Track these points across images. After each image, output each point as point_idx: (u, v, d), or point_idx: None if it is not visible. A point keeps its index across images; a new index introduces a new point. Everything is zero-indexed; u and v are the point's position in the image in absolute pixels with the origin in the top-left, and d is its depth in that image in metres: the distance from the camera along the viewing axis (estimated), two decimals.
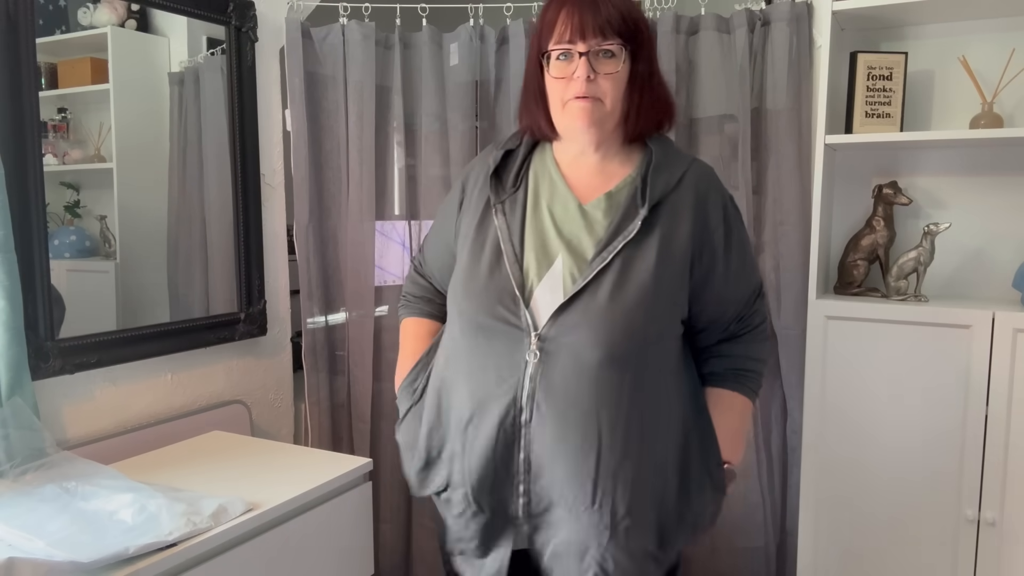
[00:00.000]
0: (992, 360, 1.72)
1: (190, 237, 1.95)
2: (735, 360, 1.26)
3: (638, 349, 1.11)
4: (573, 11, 1.12)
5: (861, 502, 1.90)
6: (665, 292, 1.13)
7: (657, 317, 1.13)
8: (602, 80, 1.13)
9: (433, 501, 1.31)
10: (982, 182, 1.95)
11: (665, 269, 1.13)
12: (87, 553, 1.13)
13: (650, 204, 1.14)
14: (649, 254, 1.13)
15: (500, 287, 1.15)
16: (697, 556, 2.22)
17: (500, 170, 1.24)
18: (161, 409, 1.86)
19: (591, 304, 1.11)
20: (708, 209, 1.17)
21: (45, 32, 1.59)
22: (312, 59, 2.11)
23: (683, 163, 1.20)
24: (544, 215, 1.19)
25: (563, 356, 1.11)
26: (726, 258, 1.19)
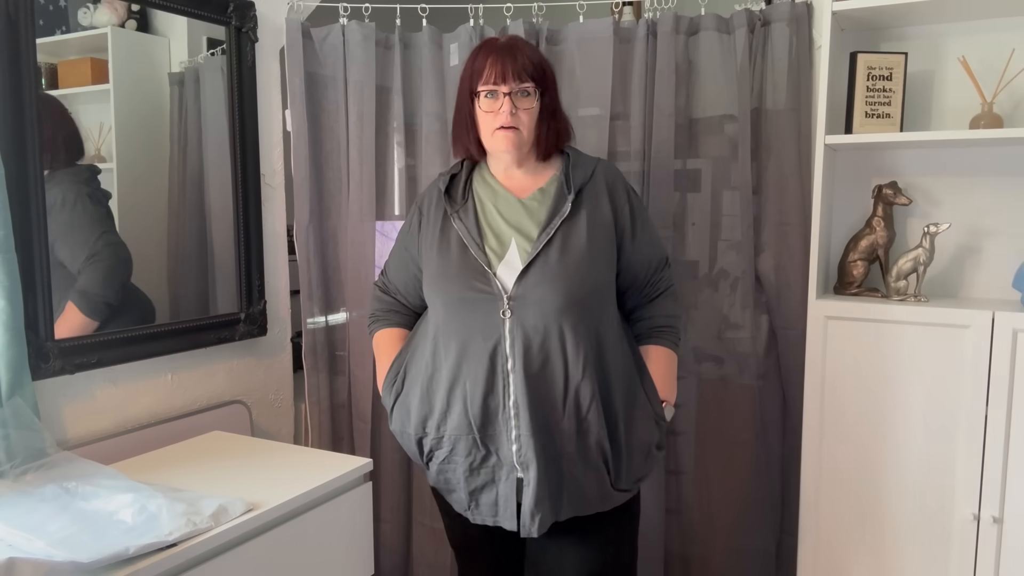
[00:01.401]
0: (992, 360, 1.72)
1: (190, 237, 1.95)
2: (652, 320, 1.61)
3: (586, 296, 1.45)
4: (497, 60, 1.46)
5: (861, 502, 1.90)
6: (598, 252, 1.48)
7: (596, 271, 1.47)
8: (521, 113, 1.48)
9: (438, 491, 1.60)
10: (982, 182, 1.95)
11: (595, 235, 1.48)
12: (87, 553, 1.13)
13: (575, 190, 1.50)
14: (581, 226, 1.48)
15: (471, 268, 1.47)
16: (697, 556, 2.22)
17: (450, 189, 1.59)
18: (161, 409, 1.86)
19: (544, 267, 1.44)
20: (616, 194, 1.55)
21: (45, 32, 1.59)
22: (312, 59, 2.11)
23: (592, 162, 1.57)
24: (492, 213, 1.53)
25: (530, 307, 1.43)
26: (632, 231, 1.55)
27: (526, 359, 1.42)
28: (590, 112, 2.09)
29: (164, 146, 1.88)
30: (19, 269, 1.46)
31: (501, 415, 1.44)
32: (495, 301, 1.44)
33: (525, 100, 1.48)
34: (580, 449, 1.45)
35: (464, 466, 1.49)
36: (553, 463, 1.45)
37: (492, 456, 1.47)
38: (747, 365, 2.11)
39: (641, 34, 2.05)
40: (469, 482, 1.50)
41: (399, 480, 2.26)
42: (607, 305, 1.52)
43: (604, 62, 2.06)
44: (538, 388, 1.42)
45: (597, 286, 1.48)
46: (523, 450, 1.43)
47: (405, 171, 2.22)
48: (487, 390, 1.44)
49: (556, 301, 1.42)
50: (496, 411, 1.44)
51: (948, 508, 1.80)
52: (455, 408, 1.47)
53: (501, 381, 1.43)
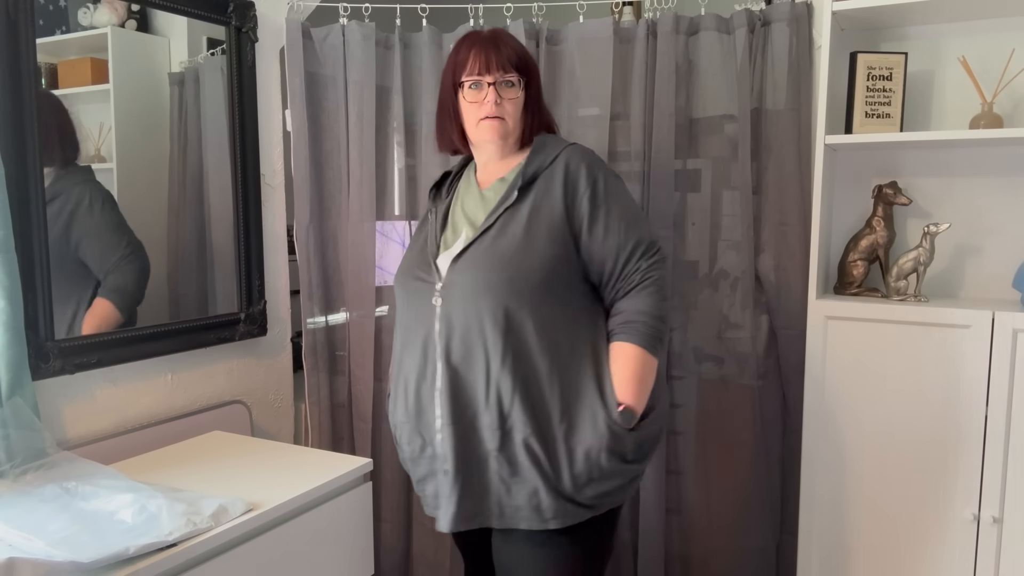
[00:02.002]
0: (992, 360, 1.72)
1: (190, 237, 1.95)
2: (623, 315, 1.45)
3: (515, 284, 1.37)
4: (481, 50, 1.46)
5: (861, 502, 1.90)
6: (536, 241, 1.39)
7: (529, 260, 1.38)
8: (506, 103, 1.47)
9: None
10: (982, 182, 1.95)
11: (536, 223, 1.41)
12: (87, 553, 1.13)
13: (524, 179, 1.44)
14: (522, 214, 1.42)
15: (419, 258, 1.49)
16: (697, 556, 2.22)
17: (441, 186, 1.61)
18: (161, 409, 1.86)
19: (475, 253, 1.41)
20: (577, 180, 1.44)
21: (45, 32, 1.59)
22: (312, 59, 2.11)
23: (558, 147, 1.49)
24: (458, 206, 1.54)
25: (456, 294, 1.40)
26: (592, 220, 1.43)
27: (449, 347, 1.39)
28: (590, 112, 2.09)
29: (164, 146, 1.88)
30: (19, 269, 1.46)
31: (429, 405, 1.43)
32: (430, 289, 1.43)
33: (510, 90, 1.47)
34: (504, 447, 1.38)
35: (408, 453, 1.51)
36: (475, 459, 1.40)
37: (428, 447, 1.45)
38: (747, 365, 2.11)
39: (641, 34, 2.05)
40: (414, 471, 1.51)
41: (399, 480, 2.26)
42: (548, 296, 1.39)
43: (604, 62, 2.06)
44: (459, 378, 1.39)
45: (529, 274, 1.38)
46: (443, 441, 1.40)
47: (405, 171, 2.22)
48: (419, 378, 1.44)
49: (480, 288, 1.38)
50: (427, 400, 1.43)
51: (948, 508, 1.80)
52: (399, 396, 1.49)
53: (430, 369, 1.42)
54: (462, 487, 1.40)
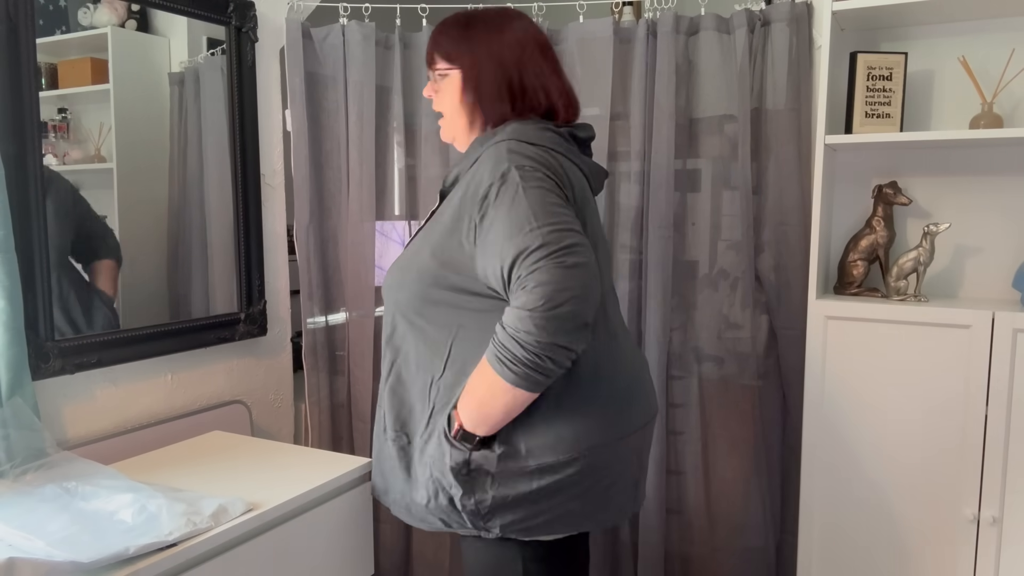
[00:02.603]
0: (992, 360, 1.72)
1: (190, 237, 1.95)
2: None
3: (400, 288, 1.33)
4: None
5: (861, 502, 1.90)
6: (425, 250, 1.29)
7: (414, 268, 1.30)
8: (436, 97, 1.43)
9: None
10: (982, 182, 1.95)
11: (433, 231, 1.31)
12: (87, 553, 1.13)
13: (449, 182, 1.36)
14: (439, 217, 1.31)
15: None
16: (697, 556, 2.22)
17: None
18: (161, 409, 1.86)
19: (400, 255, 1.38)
20: (478, 184, 1.23)
21: (45, 32, 1.59)
22: (312, 59, 2.11)
23: (479, 151, 1.30)
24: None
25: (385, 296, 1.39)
26: (480, 227, 1.21)
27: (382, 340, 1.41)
28: (590, 112, 2.09)
29: (164, 146, 1.88)
30: (19, 269, 1.46)
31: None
32: None
33: (435, 84, 1.42)
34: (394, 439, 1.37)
35: None
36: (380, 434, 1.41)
37: None
38: (747, 365, 2.11)
39: (641, 34, 2.05)
40: None
41: None
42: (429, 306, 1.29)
43: (604, 62, 2.06)
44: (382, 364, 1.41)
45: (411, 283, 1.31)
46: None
47: (405, 171, 2.22)
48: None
49: (387, 291, 1.38)
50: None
51: (948, 508, 1.80)
52: None
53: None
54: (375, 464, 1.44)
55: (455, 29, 1.38)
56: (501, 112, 1.34)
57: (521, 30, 1.38)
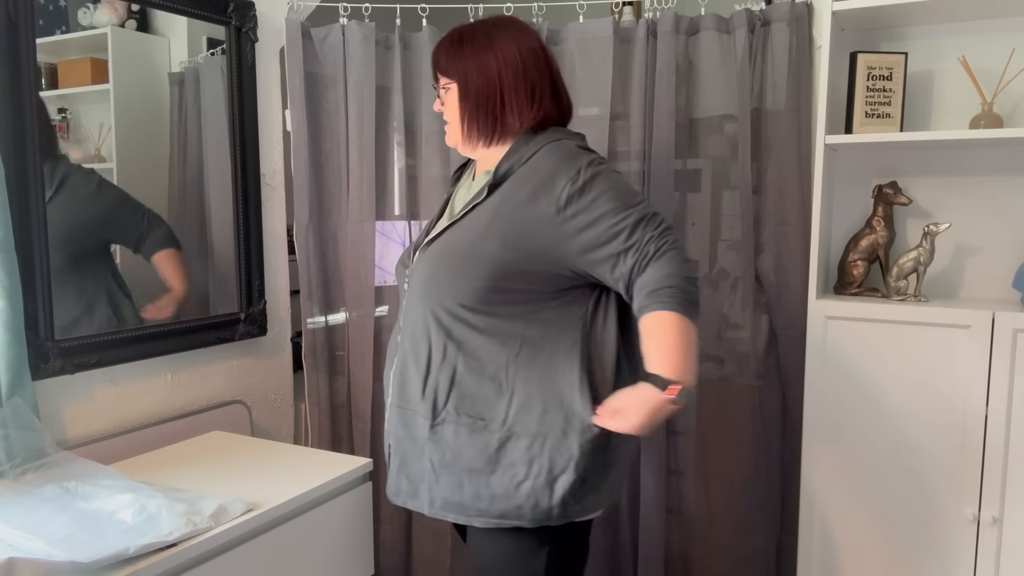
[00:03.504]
0: (992, 360, 1.72)
1: (190, 237, 1.95)
2: (645, 287, 1.28)
3: (452, 277, 1.35)
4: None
5: (861, 502, 1.90)
6: (489, 243, 1.33)
7: (476, 257, 1.33)
8: (444, 107, 1.48)
9: None
10: (982, 182, 1.95)
11: (494, 225, 1.33)
12: (87, 553, 1.13)
13: (495, 176, 1.38)
14: (486, 212, 1.36)
15: (412, 243, 1.51)
16: (697, 556, 2.22)
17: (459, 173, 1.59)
18: (161, 409, 1.86)
19: (437, 244, 1.40)
20: (554, 179, 1.32)
21: (45, 32, 1.59)
22: (312, 59, 2.11)
23: (536, 146, 1.38)
24: (457, 194, 1.53)
25: (413, 282, 1.42)
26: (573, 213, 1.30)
27: (405, 332, 1.44)
28: (590, 112, 2.09)
29: (164, 146, 1.88)
30: (19, 269, 1.46)
31: (387, 384, 1.50)
32: (404, 274, 1.49)
33: (443, 95, 1.48)
34: (435, 437, 1.37)
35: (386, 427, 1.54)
36: (413, 443, 1.41)
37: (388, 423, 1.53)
38: (747, 365, 2.11)
39: (641, 34, 2.05)
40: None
41: None
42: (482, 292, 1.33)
43: (604, 62, 2.06)
44: (405, 363, 1.43)
45: (473, 275, 1.33)
46: (389, 419, 1.48)
47: (405, 171, 2.22)
48: (391, 360, 1.50)
49: (427, 280, 1.38)
50: (386, 378, 1.51)
51: (948, 508, 1.80)
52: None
53: (393, 352, 1.49)
54: (400, 465, 1.46)
55: (449, 46, 1.46)
56: (494, 121, 1.42)
57: (511, 41, 1.43)
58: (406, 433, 1.43)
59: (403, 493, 1.45)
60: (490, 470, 1.34)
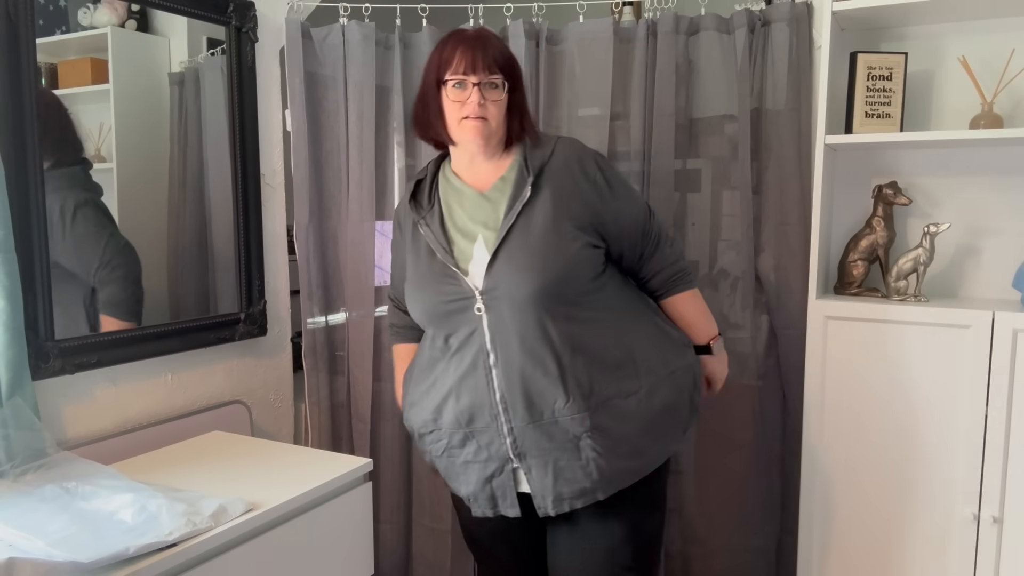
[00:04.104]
0: (992, 360, 1.72)
1: (190, 237, 1.95)
2: (661, 272, 1.58)
3: (559, 275, 1.40)
4: (467, 50, 1.44)
5: (861, 502, 1.90)
6: (563, 229, 1.42)
7: (562, 249, 1.42)
8: (490, 104, 1.45)
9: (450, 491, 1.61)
10: (982, 182, 1.95)
11: (559, 214, 1.43)
12: (87, 553, 1.13)
13: (534, 173, 1.45)
14: (544, 206, 1.43)
15: (440, 272, 1.47)
16: (697, 556, 2.22)
17: (417, 195, 1.56)
18: (161, 409, 1.86)
19: (508, 255, 1.41)
20: (584, 166, 1.49)
21: (45, 32, 1.59)
22: (312, 59, 2.11)
23: (551, 141, 1.52)
24: (458, 212, 1.51)
25: (503, 299, 1.41)
26: (613, 195, 1.50)
27: (508, 350, 1.41)
28: (590, 112, 2.09)
29: (164, 146, 1.88)
30: (19, 269, 1.46)
31: (488, 411, 1.44)
32: (468, 300, 1.43)
33: (493, 92, 1.46)
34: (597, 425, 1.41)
35: (460, 458, 1.50)
36: (565, 447, 1.42)
37: (483, 451, 1.47)
38: (747, 365, 2.11)
39: (641, 34, 2.05)
40: (466, 475, 1.51)
41: (399, 480, 2.26)
42: (583, 277, 1.46)
43: (604, 62, 2.06)
44: (528, 378, 1.40)
45: (568, 263, 1.42)
46: (519, 441, 1.43)
47: (405, 171, 2.22)
48: (474, 387, 1.44)
49: (527, 287, 1.39)
50: (483, 407, 1.44)
51: (948, 508, 1.80)
52: (448, 405, 1.48)
53: (485, 378, 1.43)
54: (552, 476, 1.44)
55: (503, 46, 1.51)
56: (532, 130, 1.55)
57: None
58: (551, 444, 1.42)
59: (567, 498, 1.45)
60: (654, 423, 1.47)
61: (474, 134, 1.46)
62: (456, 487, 1.56)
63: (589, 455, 1.42)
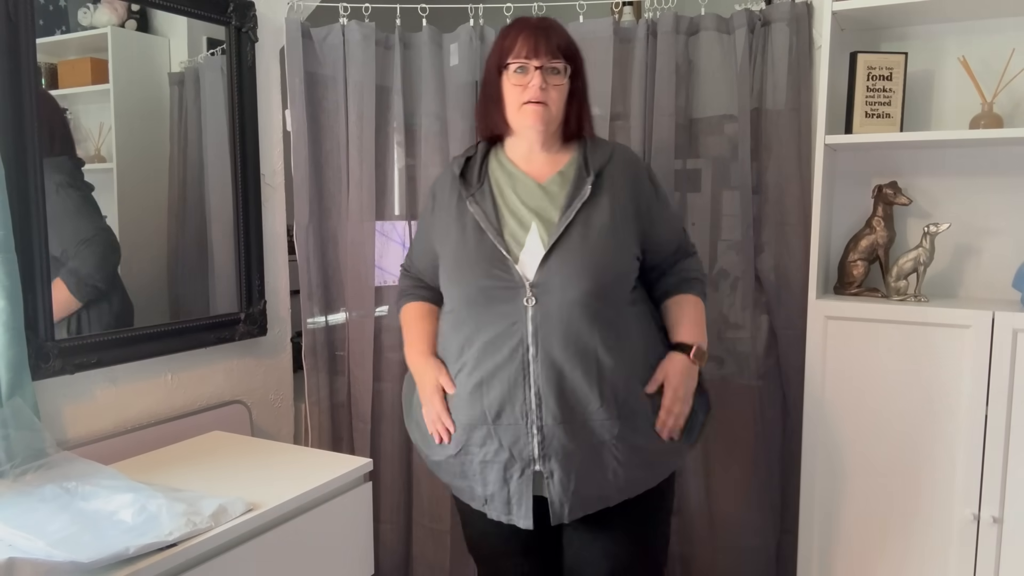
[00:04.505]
0: (992, 360, 1.72)
1: (190, 237, 1.95)
2: (679, 274, 1.61)
3: (611, 280, 1.44)
4: (530, 35, 1.45)
5: (861, 502, 1.90)
6: (620, 235, 1.46)
7: (618, 255, 1.46)
8: (551, 89, 1.45)
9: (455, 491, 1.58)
10: (982, 182, 1.95)
11: (617, 218, 1.46)
12: (87, 553, 1.13)
13: (595, 173, 1.47)
14: (603, 209, 1.45)
15: (490, 255, 1.43)
16: (697, 556, 2.22)
17: (465, 173, 1.54)
18: (161, 409, 1.86)
19: (566, 252, 1.41)
20: (638, 174, 1.54)
21: (45, 32, 1.59)
22: (312, 59, 2.11)
23: (610, 146, 1.56)
24: (511, 196, 1.49)
25: (554, 295, 1.40)
26: (659, 206, 1.56)
27: (550, 347, 1.38)
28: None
29: (164, 146, 1.88)
30: (19, 269, 1.46)
31: (520, 406, 1.40)
32: (516, 289, 1.40)
33: (555, 77, 1.45)
34: (623, 435, 1.41)
35: (479, 457, 1.45)
36: (590, 451, 1.41)
37: (504, 451, 1.43)
38: (747, 365, 2.11)
39: (641, 34, 2.05)
40: (484, 475, 1.46)
41: (399, 480, 2.27)
42: (629, 286, 1.49)
43: (604, 62, 2.06)
44: (567, 377, 1.39)
45: (622, 270, 1.46)
46: (547, 441, 1.40)
47: (405, 171, 2.22)
48: (508, 379, 1.40)
49: (581, 286, 1.39)
50: (515, 401, 1.40)
51: (948, 508, 1.80)
52: (474, 397, 1.44)
53: (522, 371, 1.39)
54: (578, 479, 1.42)
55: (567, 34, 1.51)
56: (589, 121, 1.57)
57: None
58: (576, 446, 1.40)
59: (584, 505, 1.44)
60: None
61: (534, 119, 1.45)
62: (470, 487, 1.50)
63: (610, 463, 1.42)
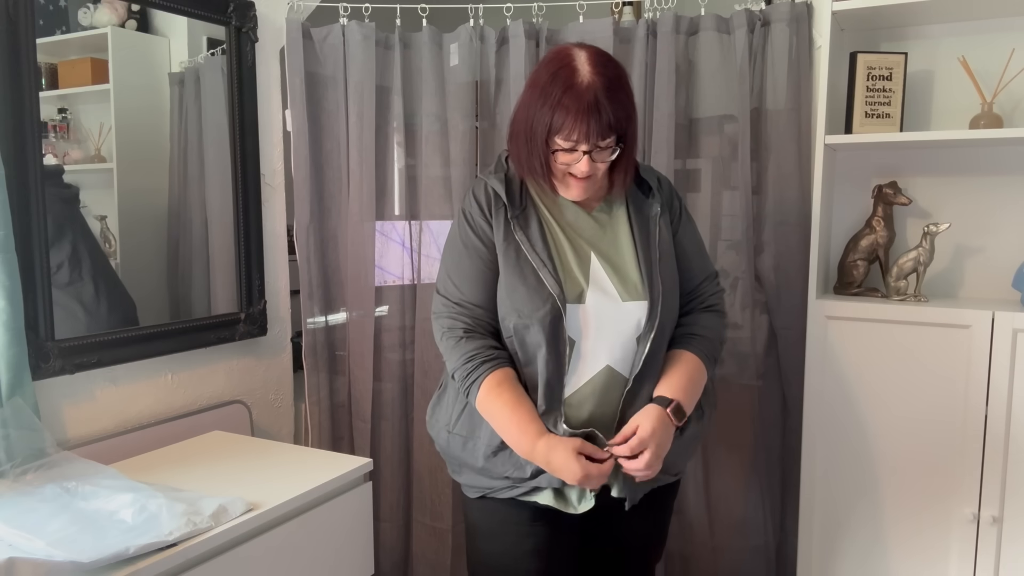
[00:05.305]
0: (992, 360, 1.72)
1: (190, 237, 1.95)
2: (685, 328, 1.51)
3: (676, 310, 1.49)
4: (581, 119, 1.31)
5: (861, 502, 1.90)
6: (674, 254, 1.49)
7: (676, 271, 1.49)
8: (598, 164, 1.37)
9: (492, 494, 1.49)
10: (982, 182, 1.95)
11: (670, 238, 1.48)
12: (87, 553, 1.13)
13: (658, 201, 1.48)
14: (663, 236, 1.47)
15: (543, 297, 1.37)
16: (697, 556, 2.22)
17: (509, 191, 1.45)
18: (161, 409, 1.86)
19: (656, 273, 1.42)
20: (673, 203, 1.53)
21: (45, 32, 1.59)
22: (312, 59, 2.11)
23: (654, 172, 1.53)
24: (560, 225, 1.45)
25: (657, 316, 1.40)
26: (685, 238, 1.53)
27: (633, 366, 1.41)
28: None
29: (164, 146, 1.88)
30: (19, 269, 1.46)
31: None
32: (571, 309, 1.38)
33: (604, 153, 1.36)
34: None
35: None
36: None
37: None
38: (747, 365, 2.11)
39: (641, 34, 2.05)
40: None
41: (399, 480, 2.27)
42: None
43: None
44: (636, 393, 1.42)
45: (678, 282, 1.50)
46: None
47: (405, 171, 2.22)
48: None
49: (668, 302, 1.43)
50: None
51: (948, 508, 1.80)
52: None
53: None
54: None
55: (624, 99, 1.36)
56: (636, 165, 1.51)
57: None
58: None
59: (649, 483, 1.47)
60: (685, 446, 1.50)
61: (578, 192, 1.41)
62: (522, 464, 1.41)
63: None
